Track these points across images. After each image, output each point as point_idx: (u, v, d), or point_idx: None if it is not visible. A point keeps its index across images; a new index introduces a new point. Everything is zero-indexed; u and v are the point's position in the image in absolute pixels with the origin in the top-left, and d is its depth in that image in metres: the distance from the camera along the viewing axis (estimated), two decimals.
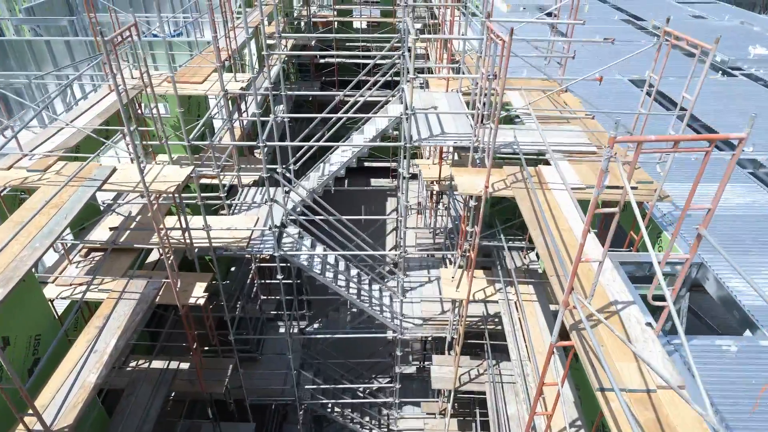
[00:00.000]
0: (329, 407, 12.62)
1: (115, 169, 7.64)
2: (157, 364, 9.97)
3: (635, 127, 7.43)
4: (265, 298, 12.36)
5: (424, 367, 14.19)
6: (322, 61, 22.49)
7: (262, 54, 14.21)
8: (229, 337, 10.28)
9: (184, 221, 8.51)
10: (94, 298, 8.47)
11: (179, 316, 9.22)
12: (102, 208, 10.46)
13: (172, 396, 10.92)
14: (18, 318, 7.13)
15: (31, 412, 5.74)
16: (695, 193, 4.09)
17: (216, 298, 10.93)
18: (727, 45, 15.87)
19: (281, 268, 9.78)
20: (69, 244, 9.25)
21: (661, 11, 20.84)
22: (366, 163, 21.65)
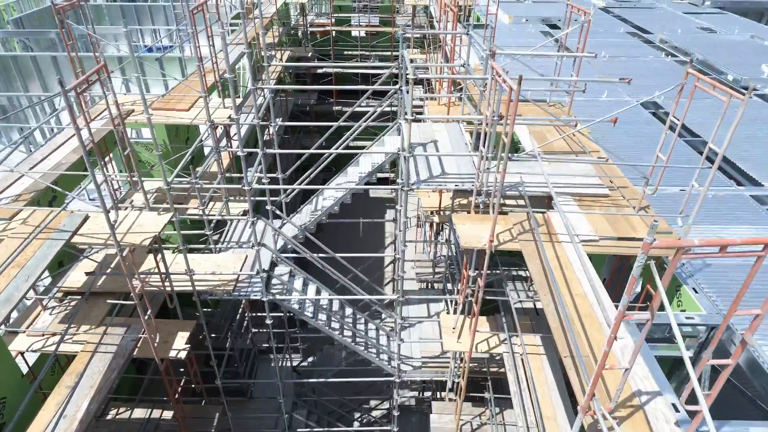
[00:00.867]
0: None
1: (88, 217, 7.05)
2: (138, 413, 9.37)
3: (652, 171, 6.81)
4: (256, 330, 11.75)
5: (424, 398, 13.56)
6: (320, 71, 22.04)
7: (258, 65, 13.65)
8: (216, 382, 9.67)
9: (163, 267, 7.91)
10: (67, 351, 7.85)
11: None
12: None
13: None
14: None
15: None
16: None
17: (201, 334, 10.30)
18: (738, 62, 15.23)
19: (271, 308, 9.17)
20: (42, 289, 8.65)
21: (667, 23, 20.19)
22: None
